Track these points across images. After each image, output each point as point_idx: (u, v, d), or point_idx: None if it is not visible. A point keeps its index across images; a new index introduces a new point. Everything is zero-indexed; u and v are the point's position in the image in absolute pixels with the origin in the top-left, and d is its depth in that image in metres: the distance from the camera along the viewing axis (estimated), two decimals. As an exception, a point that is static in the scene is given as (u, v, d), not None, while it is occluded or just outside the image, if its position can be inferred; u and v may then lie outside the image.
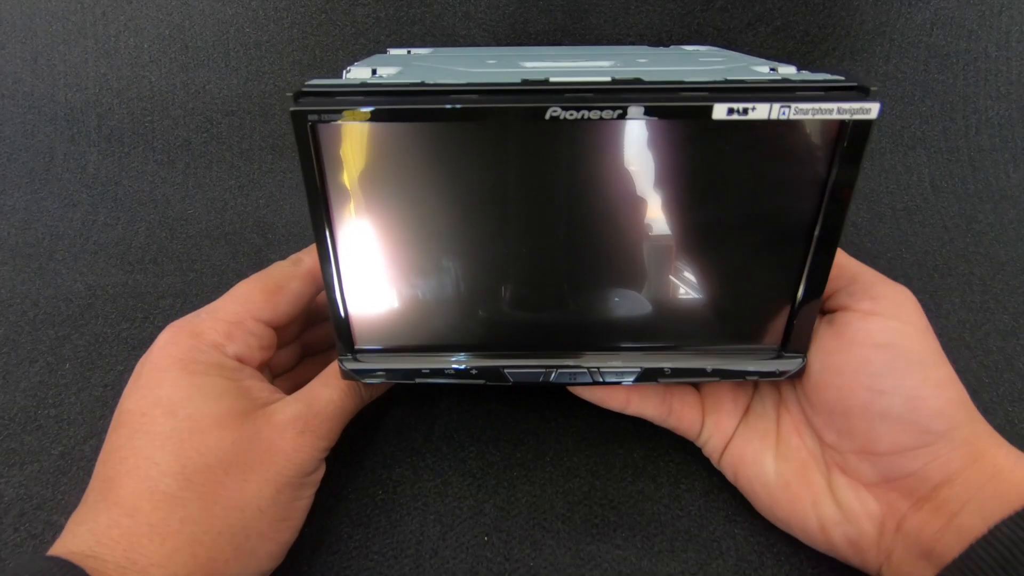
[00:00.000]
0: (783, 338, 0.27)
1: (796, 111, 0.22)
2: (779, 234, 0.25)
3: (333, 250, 0.25)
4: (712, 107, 0.22)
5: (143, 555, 0.22)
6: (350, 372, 0.28)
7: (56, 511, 0.31)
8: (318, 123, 0.22)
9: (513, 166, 0.24)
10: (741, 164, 0.23)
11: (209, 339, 0.27)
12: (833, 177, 0.23)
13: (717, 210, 0.25)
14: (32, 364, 0.39)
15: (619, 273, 0.26)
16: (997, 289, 0.43)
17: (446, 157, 0.24)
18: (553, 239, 0.25)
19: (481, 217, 0.25)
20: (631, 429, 0.34)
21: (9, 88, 0.53)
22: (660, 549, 0.29)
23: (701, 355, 0.28)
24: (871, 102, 0.22)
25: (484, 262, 0.26)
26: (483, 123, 0.22)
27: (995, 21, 0.50)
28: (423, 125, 0.23)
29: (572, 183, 0.24)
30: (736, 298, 0.27)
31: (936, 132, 0.52)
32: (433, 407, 0.35)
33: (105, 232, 0.49)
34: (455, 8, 0.49)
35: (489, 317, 0.27)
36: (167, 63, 0.51)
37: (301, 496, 0.27)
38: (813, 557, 0.29)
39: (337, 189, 0.24)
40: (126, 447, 0.25)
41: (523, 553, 0.29)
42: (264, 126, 0.52)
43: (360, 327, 0.27)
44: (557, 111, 0.22)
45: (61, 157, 0.53)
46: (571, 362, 0.28)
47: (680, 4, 0.49)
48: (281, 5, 0.49)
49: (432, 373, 0.28)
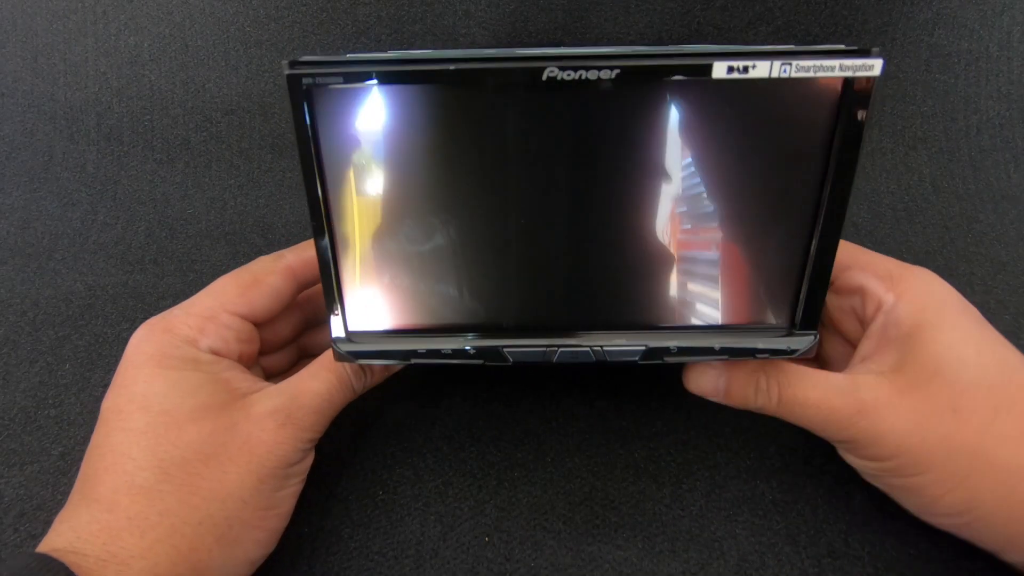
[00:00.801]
0: (794, 314, 0.26)
1: (797, 68, 0.21)
2: (785, 203, 0.24)
3: (327, 222, 0.25)
4: (712, 65, 0.21)
5: (123, 548, 0.23)
6: (344, 353, 0.27)
7: (56, 511, 0.31)
8: (313, 87, 0.22)
9: (512, 134, 0.23)
10: (744, 130, 0.23)
11: (182, 334, 0.27)
12: (838, 141, 0.23)
13: (721, 179, 0.24)
14: (32, 364, 0.39)
15: (622, 247, 0.25)
16: (998, 289, 0.43)
17: (444, 125, 0.23)
18: (554, 212, 0.25)
19: (480, 188, 0.24)
20: (632, 429, 0.34)
21: (9, 87, 0.53)
22: (661, 549, 0.29)
23: (709, 333, 0.27)
24: (874, 59, 0.21)
25: (483, 236, 0.25)
26: (481, 88, 0.22)
27: (997, 21, 0.50)
28: (420, 90, 0.22)
29: (572, 153, 0.23)
30: (743, 271, 0.26)
31: (937, 132, 0.52)
32: (434, 407, 0.35)
33: (104, 231, 0.49)
34: (455, 7, 0.49)
35: (488, 295, 0.26)
36: (167, 62, 0.51)
37: (286, 485, 0.27)
38: (813, 556, 0.29)
39: (332, 158, 0.24)
40: (104, 445, 0.25)
41: (524, 553, 0.29)
42: (264, 125, 0.52)
43: (354, 306, 0.27)
44: (554, 71, 0.21)
45: (60, 156, 0.53)
46: (573, 341, 0.27)
47: (680, 3, 0.49)
48: (282, 4, 0.49)
49: (429, 354, 0.27)
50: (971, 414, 0.25)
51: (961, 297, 0.27)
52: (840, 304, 0.30)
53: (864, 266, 0.29)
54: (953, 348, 0.25)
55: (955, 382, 0.25)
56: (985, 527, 0.25)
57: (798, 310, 0.26)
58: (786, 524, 0.30)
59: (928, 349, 0.26)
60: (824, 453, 0.31)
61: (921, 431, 0.25)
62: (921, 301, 0.27)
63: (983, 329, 0.27)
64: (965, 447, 0.24)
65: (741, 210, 0.25)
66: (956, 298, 0.27)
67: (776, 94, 0.22)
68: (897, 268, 0.28)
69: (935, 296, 0.27)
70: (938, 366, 0.25)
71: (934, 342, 0.26)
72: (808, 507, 0.31)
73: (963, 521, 0.26)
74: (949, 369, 0.25)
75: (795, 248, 0.25)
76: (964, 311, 0.27)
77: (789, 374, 0.27)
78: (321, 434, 0.28)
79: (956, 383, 0.25)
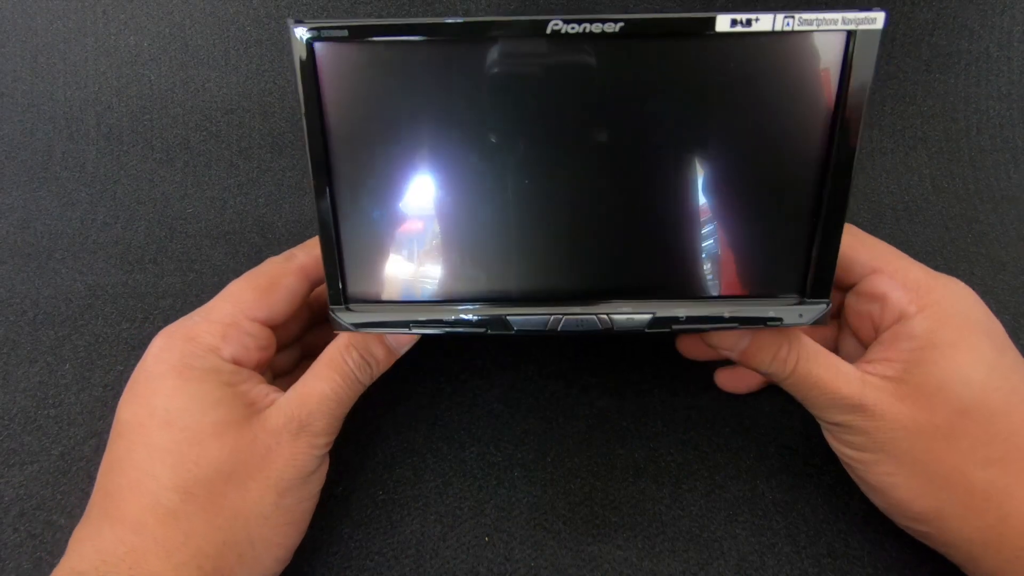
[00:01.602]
0: (804, 282, 0.26)
1: (800, 22, 0.21)
2: (791, 166, 0.24)
3: (329, 186, 0.24)
4: (715, 18, 0.21)
5: (149, 571, 0.22)
6: (343, 323, 0.26)
7: (56, 511, 0.31)
8: (316, 40, 0.22)
9: (515, 93, 0.23)
10: (748, 90, 0.23)
11: (204, 342, 0.27)
12: (842, 99, 0.22)
13: (727, 141, 0.24)
14: (32, 364, 0.39)
15: (628, 212, 0.25)
16: (999, 290, 0.43)
17: (447, 84, 0.23)
18: (558, 176, 0.24)
19: (482, 150, 0.24)
20: (632, 429, 0.34)
21: (8, 87, 0.53)
22: (661, 550, 0.29)
23: (718, 302, 0.26)
24: (875, 12, 0.21)
25: (486, 201, 0.25)
26: (485, 45, 0.22)
27: (997, 21, 0.50)
28: (425, 47, 0.22)
29: (576, 113, 0.23)
30: (752, 238, 0.25)
31: (937, 132, 0.52)
32: (434, 407, 0.35)
33: (104, 231, 0.49)
34: (456, 6, 0.49)
35: (491, 262, 0.26)
36: (167, 61, 0.51)
37: (305, 497, 0.27)
38: (813, 556, 0.29)
39: (335, 118, 0.23)
40: (125, 460, 0.25)
41: (524, 554, 0.29)
42: (264, 125, 0.51)
43: (354, 273, 0.26)
44: (559, 24, 0.21)
45: (60, 155, 0.53)
46: (579, 309, 0.26)
47: (679, 4, 0.49)
48: (282, 4, 0.49)
49: (431, 323, 0.26)
50: (963, 435, 0.25)
51: (990, 317, 0.27)
52: (859, 308, 0.30)
53: (893, 273, 0.28)
54: (960, 369, 0.25)
55: (955, 402, 0.25)
56: (947, 541, 0.26)
57: (809, 277, 0.25)
58: (786, 524, 0.30)
59: (936, 366, 0.25)
60: (824, 453, 0.31)
61: (909, 438, 0.25)
62: (942, 318, 0.26)
63: (1001, 355, 0.26)
64: (946, 463, 0.25)
65: (748, 174, 0.24)
66: (982, 318, 0.27)
67: (780, 52, 0.22)
68: (927, 279, 0.28)
69: (958, 314, 0.26)
70: (941, 384, 0.25)
71: (943, 359, 0.25)
72: (808, 507, 0.31)
73: (926, 530, 0.26)
74: (951, 389, 0.25)
75: (804, 212, 0.24)
76: (987, 333, 0.26)
77: (808, 349, 0.27)
78: (335, 436, 0.28)
79: (956, 403, 0.25)
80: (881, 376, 0.26)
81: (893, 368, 0.26)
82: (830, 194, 0.24)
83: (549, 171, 0.24)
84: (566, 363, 0.37)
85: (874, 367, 0.27)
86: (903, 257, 0.29)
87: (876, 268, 0.29)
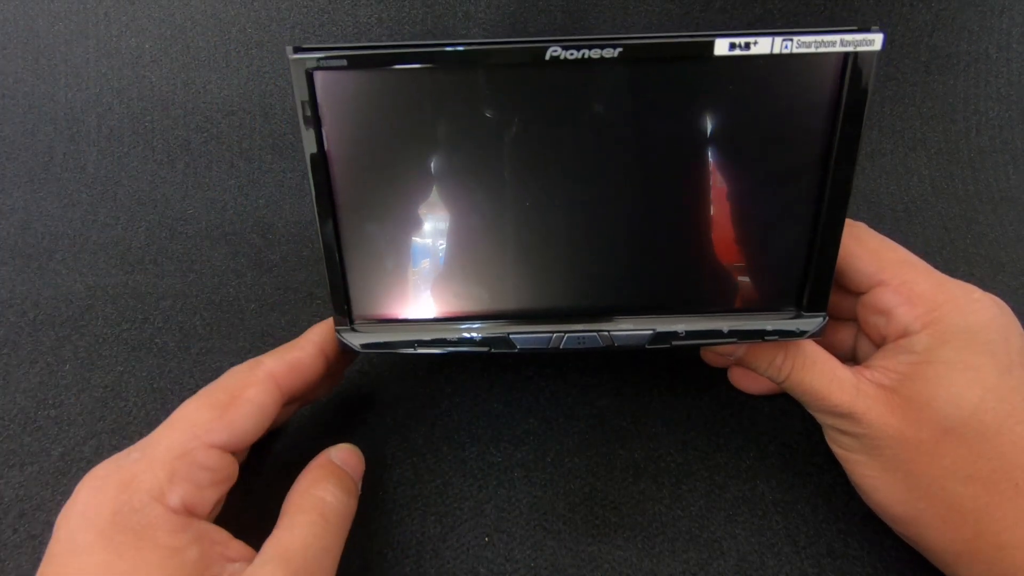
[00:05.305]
0: (802, 295, 0.26)
1: (799, 44, 0.21)
2: (789, 184, 0.24)
3: (332, 208, 0.24)
4: (714, 42, 0.21)
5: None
6: (348, 344, 0.26)
7: (56, 512, 0.31)
8: (316, 70, 0.22)
9: (514, 117, 0.23)
10: (746, 111, 0.23)
11: (145, 488, 0.22)
12: (840, 120, 0.22)
13: (725, 160, 0.24)
14: (32, 365, 0.39)
15: (627, 230, 0.25)
16: (998, 290, 0.42)
17: (446, 109, 0.23)
18: (556, 196, 0.24)
19: (482, 173, 0.24)
20: (632, 430, 0.34)
21: (10, 88, 0.53)
22: (661, 550, 0.29)
23: (717, 316, 0.26)
24: (874, 33, 0.21)
25: (486, 222, 0.25)
26: (484, 70, 0.22)
27: (996, 22, 0.50)
28: (424, 74, 0.22)
29: (575, 136, 0.23)
30: (750, 253, 0.26)
31: (937, 133, 0.52)
32: (434, 408, 0.35)
33: (105, 232, 0.49)
34: (455, 9, 0.49)
35: (492, 282, 0.26)
36: (168, 63, 0.51)
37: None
38: (813, 556, 0.29)
39: (336, 143, 0.23)
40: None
41: (524, 554, 0.29)
42: (264, 126, 0.52)
43: (359, 295, 0.26)
44: (557, 51, 0.21)
45: (61, 157, 0.53)
46: (580, 326, 0.26)
47: (679, 4, 0.49)
48: (283, 6, 0.49)
49: (434, 343, 0.26)
50: (946, 452, 0.25)
51: (1005, 337, 0.26)
52: (866, 318, 0.29)
53: (899, 287, 0.27)
54: (953, 388, 0.25)
55: (942, 421, 0.25)
56: (925, 547, 0.26)
57: (806, 291, 0.26)
58: (786, 524, 0.30)
59: (928, 383, 0.25)
60: (824, 453, 0.31)
61: (894, 447, 0.26)
62: (945, 336, 0.26)
63: (1004, 375, 0.25)
64: (927, 475, 0.25)
65: (747, 191, 0.24)
66: (993, 336, 0.26)
67: (778, 73, 0.22)
68: (935, 293, 0.26)
69: (963, 332, 0.25)
70: (930, 401, 0.25)
71: (937, 377, 0.25)
72: (808, 507, 0.31)
73: (906, 531, 0.27)
74: (939, 408, 0.25)
75: (802, 228, 0.25)
76: (992, 353, 0.25)
77: (804, 358, 0.27)
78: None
79: (943, 421, 0.25)
80: (877, 384, 0.27)
81: (889, 378, 0.27)
82: (827, 213, 0.24)
83: (549, 191, 0.24)
84: (566, 363, 0.37)
85: (872, 373, 0.27)
86: (911, 265, 0.28)
87: (882, 280, 0.27)
